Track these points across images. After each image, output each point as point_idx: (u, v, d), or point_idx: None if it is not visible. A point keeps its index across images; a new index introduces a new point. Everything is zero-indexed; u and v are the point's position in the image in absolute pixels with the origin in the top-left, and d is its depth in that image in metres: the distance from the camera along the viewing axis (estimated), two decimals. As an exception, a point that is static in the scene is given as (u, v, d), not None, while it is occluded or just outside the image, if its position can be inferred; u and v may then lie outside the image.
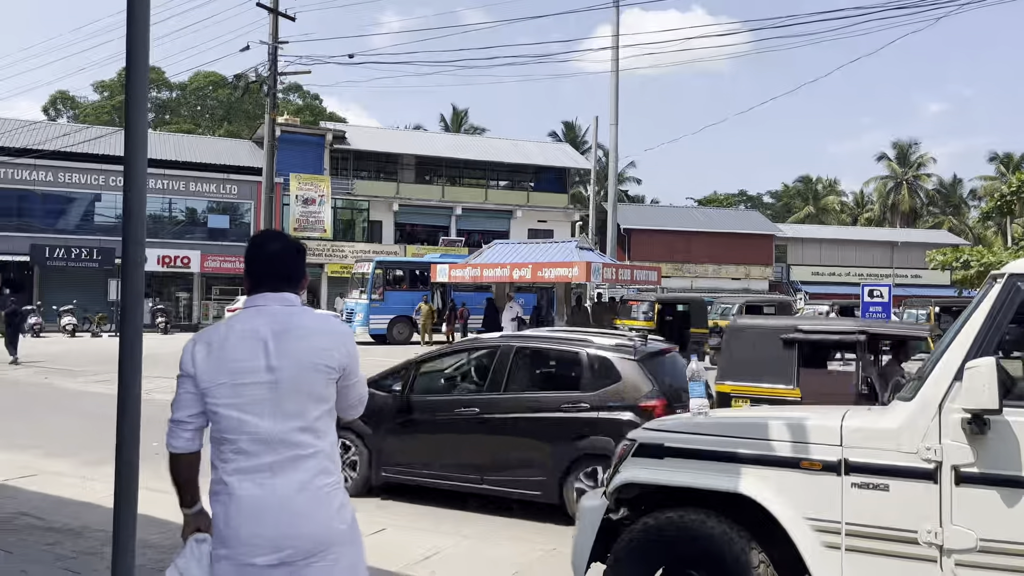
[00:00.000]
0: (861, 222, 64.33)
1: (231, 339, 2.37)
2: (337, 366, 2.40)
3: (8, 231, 33.13)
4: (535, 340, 7.31)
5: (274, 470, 2.30)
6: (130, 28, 2.98)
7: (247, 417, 2.32)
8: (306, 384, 2.34)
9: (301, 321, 2.41)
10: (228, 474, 2.33)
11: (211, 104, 58.72)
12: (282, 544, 2.28)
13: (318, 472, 2.34)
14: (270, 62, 21.43)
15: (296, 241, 2.60)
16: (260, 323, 2.38)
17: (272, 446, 2.31)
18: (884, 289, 16.53)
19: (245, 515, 2.29)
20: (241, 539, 2.29)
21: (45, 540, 5.46)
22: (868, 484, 3.16)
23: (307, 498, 2.30)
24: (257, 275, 2.47)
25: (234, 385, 2.33)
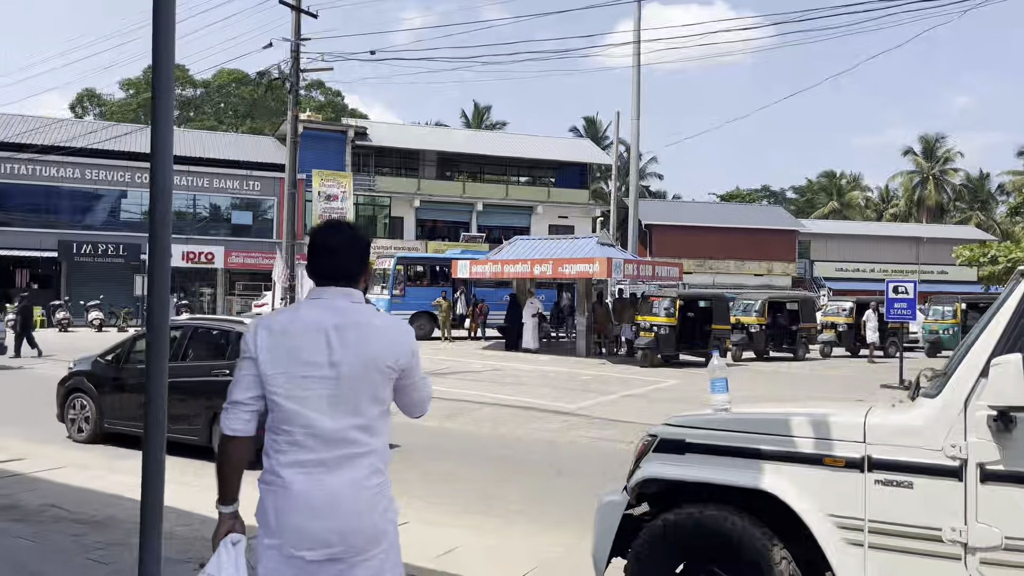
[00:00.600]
0: (886, 218, 63.58)
1: (294, 329, 2.35)
2: (396, 366, 2.37)
3: (37, 227, 33.64)
4: (204, 322, 9.75)
5: (328, 466, 2.29)
6: (156, 27, 3.02)
7: (305, 411, 2.30)
8: (366, 383, 2.32)
9: (364, 319, 2.38)
10: (282, 465, 2.31)
11: (234, 101, 59.18)
12: (332, 540, 2.27)
13: (371, 471, 2.33)
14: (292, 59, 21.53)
15: (359, 233, 2.53)
16: (323, 317, 2.35)
17: (328, 443, 2.30)
18: (909, 285, 16.27)
19: (297, 508, 2.27)
20: (291, 531, 2.28)
21: (72, 531, 5.55)
22: (892, 481, 3.13)
23: (358, 496, 2.30)
24: (317, 268, 2.44)
25: (295, 377, 2.31)
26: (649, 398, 13.62)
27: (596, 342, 22.24)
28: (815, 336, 24.10)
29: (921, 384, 3.57)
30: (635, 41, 26.76)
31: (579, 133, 57.85)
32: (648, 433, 3.86)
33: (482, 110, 59.96)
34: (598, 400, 13.21)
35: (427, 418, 11.03)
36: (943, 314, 25.28)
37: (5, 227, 33.49)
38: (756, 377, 17.26)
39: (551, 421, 11.30)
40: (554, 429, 10.81)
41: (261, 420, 2.43)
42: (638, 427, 10.07)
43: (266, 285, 32.52)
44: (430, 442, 9.81)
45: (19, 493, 6.73)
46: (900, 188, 64.25)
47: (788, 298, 25.43)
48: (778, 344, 23.15)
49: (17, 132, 34.61)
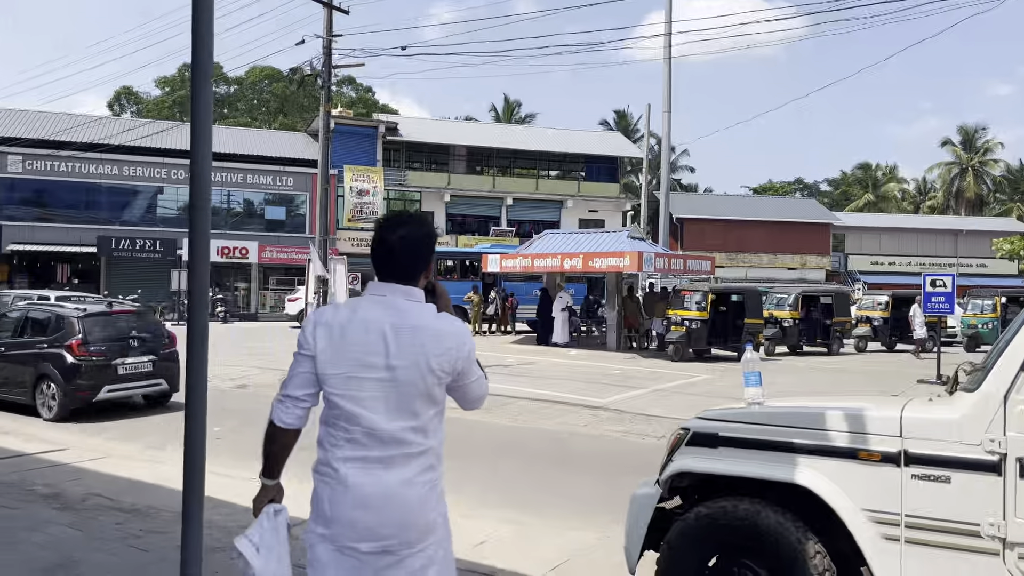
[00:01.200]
0: (923, 210, 62.44)
1: (352, 328, 2.34)
2: (452, 369, 2.37)
3: (77, 223, 34.35)
4: (38, 307, 11.93)
5: (384, 463, 2.31)
6: (195, 26, 3.08)
7: (362, 411, 2.31)
8: (422, 386, 2.32)
9: (422, 320, 2.35)
10: (338, 460, 2.33)
11: (267, 98, 59.83)
12: (385, 534, 2.30)
13: (424, 468, 2.35)
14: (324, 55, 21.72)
15: (423, 228, 2.47)
16: (382, 316, 2.34)
17: (384, 442, 2.32)
18: (947, 279, 15.98)
19: (352, 502, 2.30)
20: (345, 523, 2.31)
21: (115, 519, 5.69)
22: (929, 476, 3.10)
23: (411, 492, 2.32)
24: (378, 263, 2.42)
25: (353, 377, 2.32)
26: (680, 393, 13.56)
27: (627, 336, 22.17)
28: (850, 330, 23.79)
29: (959, 378, 3.52)
30: (666, 33, 26.56)
31: (609, 126, 57.58)
32: (681, 427, 3.86)
33: (512, 104, 59.92)
34: (628, 394, 13.17)
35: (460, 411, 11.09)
36: (982, 308, 24.82)
37: (47, 223, 34.25)
38: (789, 372, 17.09)
39: (582, 415, 11.31)
40: (585, 423, 10.81)
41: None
42: (669, 421, 10.03)
43: (299, 280, 32.90)
44: (463, 435, 9.85)
45: (63, 482, 6.91)
46: (938, 180, 63.06)
47: (822, 292, 25.12)
48: (812, 338, 22.89)
49: (57, 130, 35.34)
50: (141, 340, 11.28)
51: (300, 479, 2.47)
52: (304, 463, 2.53)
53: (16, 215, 34.05)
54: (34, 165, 34.15)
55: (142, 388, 11.27)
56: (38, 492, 6.48)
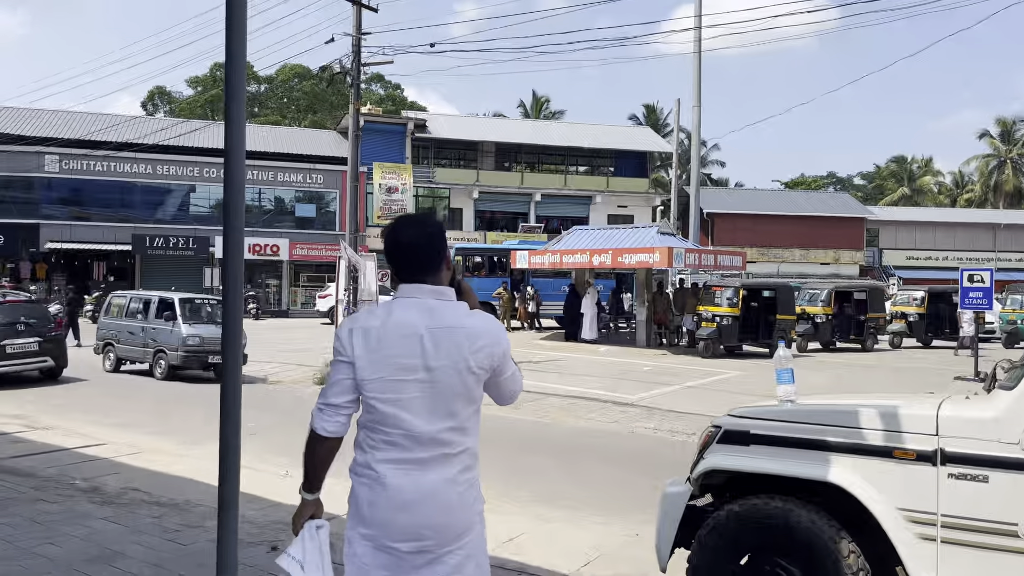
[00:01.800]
0: (960, 203, 61.24)
1: (389, 332, 2.35)
2: (489, 366, 2.38)
3: (112, 222, 34.97)
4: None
5: (424, 464, 2.33)
6: (229, 27, 3.12)
7: (404, 414, 2.32)
8: (461, 385, 2.34)
9: (457, 320, 2.37)
10: (378, 461, 2.35)
11: (296, 96, 60.36)
12: (424, 534, 2.32)
13: (463, 468, 2.38)
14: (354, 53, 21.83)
15: (432, 225, 2.49)
16: (417, 319, 2.35)
17: (424, 444, 2.33)
18: (985, 274, 15.66)
19: (393, 503, 2.32)
20: (385, 524, 2.33)
21: (151, 513, 5.79)
22: (966, 475, 3.05)
23: (450, 492, 2.34)
24: (398, 265, 2.44)
25: (393, 381, 2.33)
26: (711, 389, 13.47)
27: (657, 333, 22.06)
28: (884, 326, 23.44)
29: (997, 376, 3.46)
30: (696, 27, 26.34)
31: (639, 121, 57.23)
32: (712, 424, 3.83)
33: (541, 100, 59.81)
34: (659, 391, 13.12)
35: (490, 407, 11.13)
36: (1021, 303, 24.32)
37: (83, 222, 34.90)
38: (822, 368, 16.89)
39: (611, 412, 11.28)
40: (615, 420, 10.79)
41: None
42: (700, 419, 9.97)
43: (330, 277, 33.17)
44: (493, 431, 9.88)
45: (101, 476, 7.06)
46: (975, 172, 61.77)
47: (856, 287, 24.78)
48: (845, 335, 22.59)
49: (93, 130, 35.97)
50: (28, 324, 13.35)
51: (330, 473, 2.48)
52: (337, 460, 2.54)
53: (53, 214, 34.73)
54: (70, 165, 34.80)
55: (31, 365, 13.44)
56: (77, 486, 6.62)
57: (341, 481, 2.49)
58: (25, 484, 6.56)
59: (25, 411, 10.76)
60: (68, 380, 14.14)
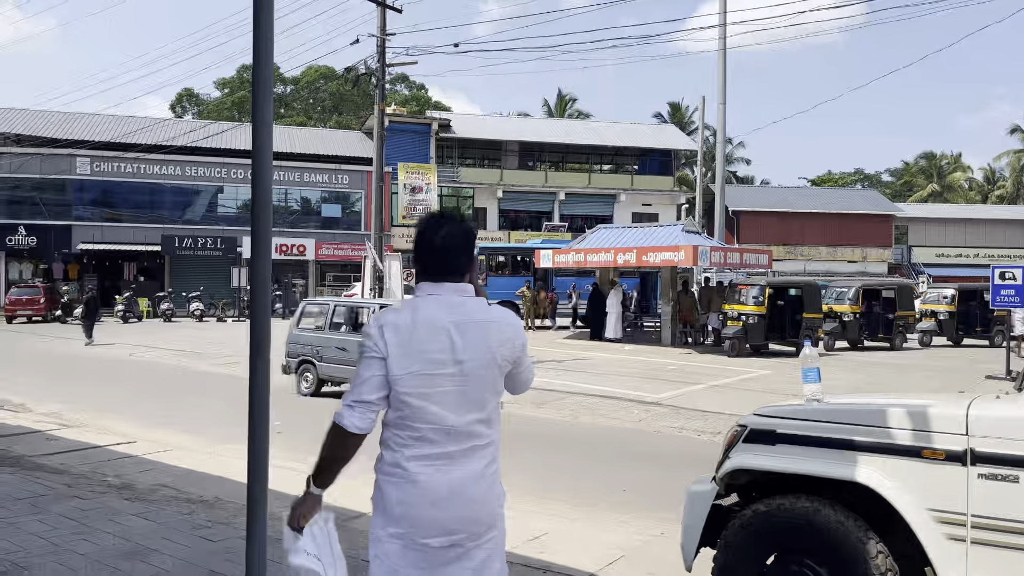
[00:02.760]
0: (992, 200, 60.20)
1: (418, 328, 2.38)
2: (512, 358, 2.45)
3: (142, 223, 35.49)
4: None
5: (453, 458, 2.36)
6: (256, 30, 3.16)
7: (434, 408, 2.35)
8: (488, 378, 2.40)
9: (481, 314, 2.43)
10: (407, 459, 2.36)
11: (322, 97, 60.79)
12: (456, 528, 2.35)
13: (490, 460, 2.42)
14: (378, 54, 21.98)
15: (464, 225, 2.52)
16: (443, 315, 2.39)
17: (454, 437, 2.37)
18: (1018, 271, 15.38)
19: (424, 499, 2.34)
20: (418, 521, 2.34)
21: (182, 510, 5.88)
22: (996, 475, 3.01)
23: (479, 485, 2.38)
24: (425, 264, 2.47)
25: (424, 375, 2.35)
26: (737, 388, 13.39)
27: (682, 332, 21.95)
28: (913, 325, 23.12)
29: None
30: (721, 24, 26.17)
31: (663, 119, 56.95)
32: (738, 423, 3.82)
33: (565, 99, 59.72)
34: (684, 390, 13.06)
35: (516, 405, 11.17)
36: (1054, 301, 23.82)
37: (114, 223, 35.45)
38: (850, 367, 16.71)
39: (636, 411, 11.26)
40: (639, 419, 10.76)
41: None
42: (725, 418, 9.92)
43: (355, 276, 33.40)
44: (518, 429, 9.91)
45: (132, 474, 7.18)
46: (1007, 168, 60.68)
47: (884, 285, 24.46)
48: (873, 333, 22.31)
49: (123, 132, 36.53)
50: None
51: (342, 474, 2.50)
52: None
53: (85, 215, 35.33)
54: (101, 167, 35.37)
55: None
56: (109, 483, 6.74)
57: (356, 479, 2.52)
58: (58, 481, 6.69)
59: (58, 408, 10.95)
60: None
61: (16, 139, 33.85)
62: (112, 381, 14.40)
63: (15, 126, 35.07)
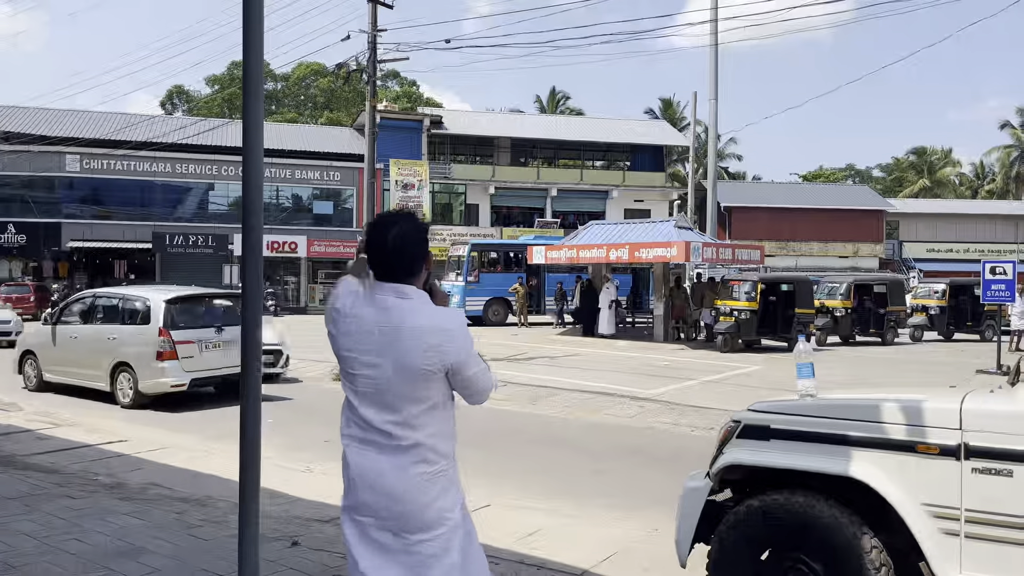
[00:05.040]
0: (982, 195, 60.51)
1: (349, 324, 2.45)
2: (441, 367, 2.39)
3: (133, 220, 35.31)
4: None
5: (378, 447, 2.42)
6: (246, 27, 3.13)
7: (356, 400, 2.45)
8: (404, 385, 2.38)
9: (409, 319, 2.38)
10: (345, 437, 2.51)
11: (313, 93, 60.60)
12: (381, 512, 2.40)
13: (417, 460, 2.41)
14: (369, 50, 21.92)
15: (413, 225, 2.50)
16: (372, 315, 2.41)
17: (376, 431, 2.42)
18: (1008, 266, 15.46)
19: (353, 476, 2.47)
20: (353, 496, 2.47)
21: (174, 509, 5.85)
22: (990, 470, 3.02)
23: (402, 478, 2.38)
24: (372, 262, 2.48)
25: (350, 370, 2.46)
26: (729, 384, 13.41)
27: (674, 327, 21.98)
28: (905, 320, 23.22)
29: (1021, 369, 3.42)
30: (712, 20, 26.17)
31: (655, 115, 56.96)
32: (732, 419, 3.82)
33: (557, 95, 59.68)
34: (677, 386, 13.07)
35: (509, 403, 11.15)
36: (1045, 296, 23.97)
37: (104, 220, 35.26)
38: (842, 362, 16.77)
39: (629, 407, 11.26)
40: (632, 415, 10.77)
41: None
42: (718, 413, 9.93)
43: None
44: (511, 426, 9.91)
45: (123, 472, 7.14)
46: (997, 163, 61.00)
47: (875, 280, 24.55)
48: (865, 328, 22.39)
49: (113, 129, 36.31)
50: None
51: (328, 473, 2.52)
52: (334, 457, 2.59)
53: (75, 213, 35.12)
54: (91, 164, 35.16)
55: None
56: (101, 482, 6.70)
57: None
58: (49, 480, 6.65)
59: (49, 408, 10.89)
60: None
61: (5, 136, 33.62)
62: None
63: (3, 123, 34.83)
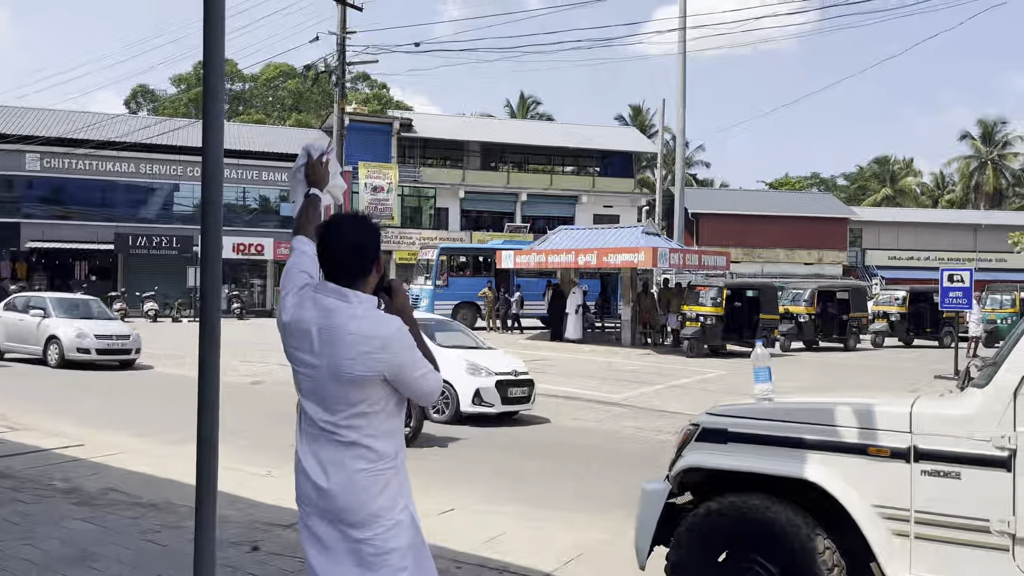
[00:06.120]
0: (942, 204, 61.84)
1: (292, 322, 2.48)
2: (376, 371, 2.38)
3: (95, 220, 34.67)
4: None
5: (319, 441, 2.45)
6: (207, 23, 3.11)
7: (301, 395, 2.50)
8: (335, 387, 2.40)
9: (345, 324, 2.39)
10: (297, 427, 2.55)
11: (281, 95, 60.06)
12: (321, 503, 2.42)
13: (356, 457, 2.41)
14: (338, 52, 21.82)
15: (363, 227, 2.52)
16: (312, 316, 2.43)
17: (316, 427, 2.46)
18: (965, 274, 15.82)
19: (299, 467, 2.50)
20: (298, 486, 2.50)
21: (131, 514, 5.75)
22: (939, 472, 3.09)
23: (341, 472, 2.40)
24: (322, 261, 2.51)
25: (292, 364, 2.52)
26: (695, 389, 13.54)
27: (642, 332, 22.13)
28: (866, 326, 23.64)
29: (971, 374, 3.51)
30: (681, 28, 26.46)
31: (625, 121, 57.40)
32: (691, 422, 3.86)
33: (527, 101, 59.82)
34: (643, 390, 13.16)
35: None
36: (1001, 303, 24.59)
37: (65, 220, 34.58)
38: (804, 367, 17.01)
39: (596, 411, 11.31)
40: (599, 419, 10.82)
41: None
42: (683, 417, 10.02)
43: (314, 276, 33.03)
44: (476, 432, 9.89)
45: (80, 478, 7.00)
46: (956, 174, 62.42)
47: (838, 287, 24.99)
48: (828, 334, 22.76)
49: (75, 128, 35.65)
50: None
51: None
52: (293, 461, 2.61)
53: (34, 213, 34.41)
54: (52, 163, 34.48)
55: None
56: (56, 487, 6.57)
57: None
58: (2, 484, 6.50)
59: (4, 411, 10.65)
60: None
61: (-38, 134, 32.87)
62: (63, 384, 14.03)
63: (-39, 120, 34.05)
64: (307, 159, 2.82)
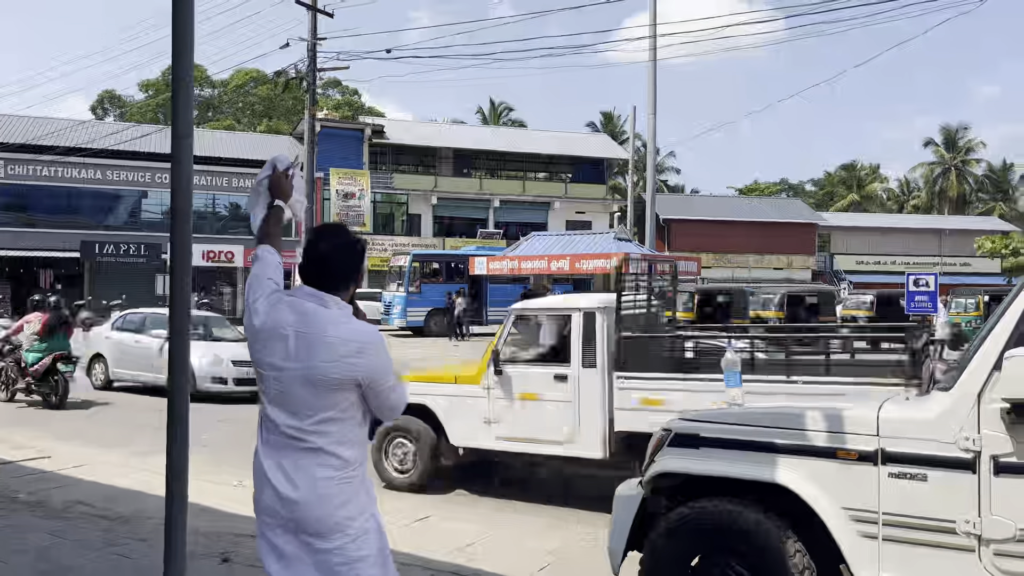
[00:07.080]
0: (907, 209, 62.92)
1: (266, 326, 2.47)
2: (350, 378, 2.40)
3: (60, 228, 34.06)
4: None
5: (279, 448, 2.44)
6: (175, 28, 3.08)
7: (265, 400, 2.49)
8: (305, 392, 2.39)
9: (328, 329, 2.40)
10: (258, 435, 2.52)
11: (252, 101, 59.53)
12: (282, 513, 2.40)
13: (319, 464, 2.41)
14: (309, 58, 21.70)
15: (346, 240, 2.56)
16: (289, 319, 2.44)
17: (279, 433, 2.44)
18: (930, 278, 16.11)
19: (258, 476, 2.47)
20: (257, 496, 2.48)
21: (99, 527, 5.66)
22: (905, 474, 3.14)
23: (303, 479, 2.38)
24: (305, 268, 2.53)
25: (258, 369, 2.50)
26: (667, 393, 13.59)
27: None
28: (835, 330, 23.95)
29: (935, 378, 3.57)
30: (651, 36, 26.64)
31: (596, 128, 57.69)
32: (663, 427, 3.89)
33: (499, 108, 59.91)
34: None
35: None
36: (965, 306, 25.06)
37: (29, 228, 33.94)
38: (775, 371, 17.16)
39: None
40: (572, 424, 10.82)
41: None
42: (656, 422, 10.07)
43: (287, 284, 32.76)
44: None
45: (47, 490, 6.87)
46: (921, 179, 63.56)
47: (807, 292, 25.30)
48: (797, 338, 23.00)
49: (39, 134, 35.02)
50: None
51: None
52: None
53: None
54: (15, 170, 33.85)
55: None
56: (21, 500, 6.44)
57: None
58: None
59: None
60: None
61: (-78, 140, 32.17)
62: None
63: (-79, 126, 33.33)
64: (272, 171, 2.84)
